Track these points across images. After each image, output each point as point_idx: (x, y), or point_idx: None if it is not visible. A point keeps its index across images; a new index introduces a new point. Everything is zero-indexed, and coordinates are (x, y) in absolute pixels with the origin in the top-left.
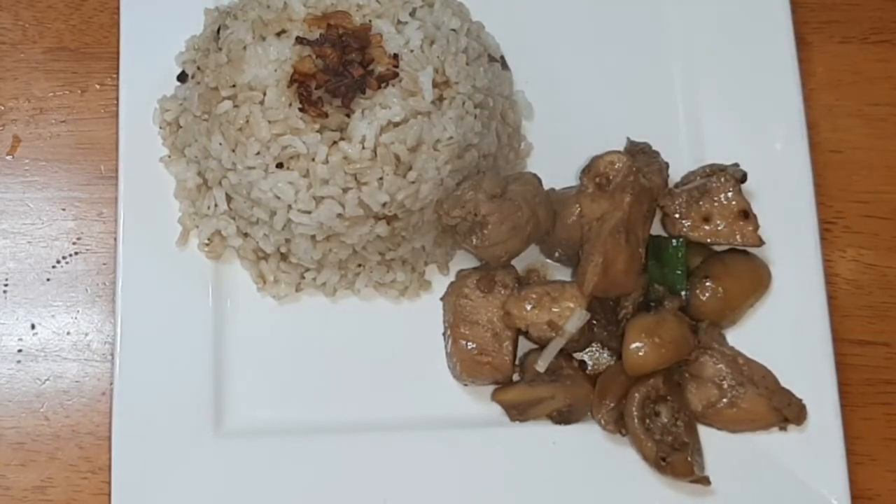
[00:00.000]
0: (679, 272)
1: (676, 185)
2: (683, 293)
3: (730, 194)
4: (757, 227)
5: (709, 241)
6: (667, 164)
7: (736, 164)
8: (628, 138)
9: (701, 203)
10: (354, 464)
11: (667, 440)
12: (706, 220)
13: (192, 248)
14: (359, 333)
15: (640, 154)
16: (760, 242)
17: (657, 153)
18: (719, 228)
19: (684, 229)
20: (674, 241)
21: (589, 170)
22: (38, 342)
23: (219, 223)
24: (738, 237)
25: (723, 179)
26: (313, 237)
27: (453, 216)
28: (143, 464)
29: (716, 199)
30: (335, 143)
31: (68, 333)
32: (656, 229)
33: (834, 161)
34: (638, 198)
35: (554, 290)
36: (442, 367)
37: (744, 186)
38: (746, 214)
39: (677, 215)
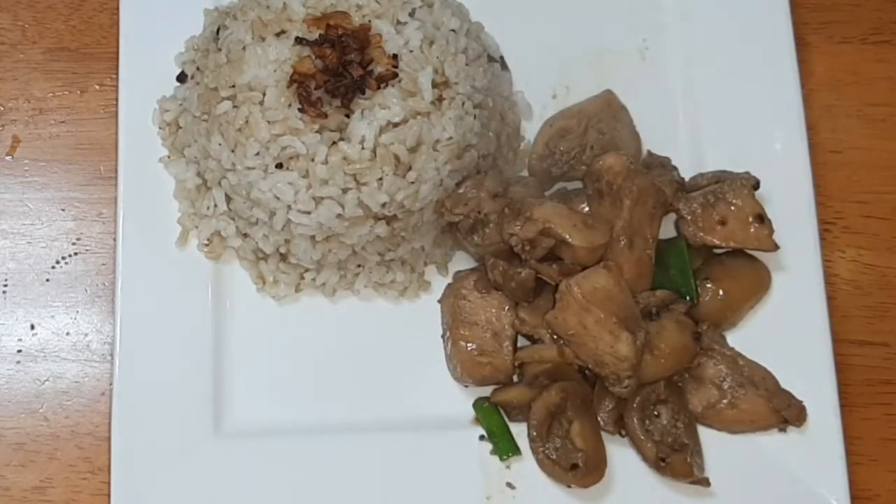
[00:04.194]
0: (685, 275)
1: (686, 189)
2: (689, 297)
3: (744, 199)
4: (772, 231)
5: (723, 243)
6: (683, 180)
7: (747, 172)
8: (648, 150)
9: (716, 206)
10: (354, 464)
11: (666, 441)
12: (722, 223)
13: (192, 248)
14: (358, 334)
15: (658, 167)
16: (775, 247)
17: (675, 168)
18: (735, 232)
19: (700, 232)
20: (675, 243)
21: (589, 174)
22: (37, 342)
23: (218, 223)
24: (753, 241)
25: (738, 184)
26: (313, 237)
27: (456, 213)
28: (143, 464)
29: (731, 203)
30: (335, 143)
31: (68, 334)
32: (670, 231)
33: (833, 161)
34: (639, 198)
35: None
36: (442, 367)
37: None
38: (762, 219)
39: (691, 217)
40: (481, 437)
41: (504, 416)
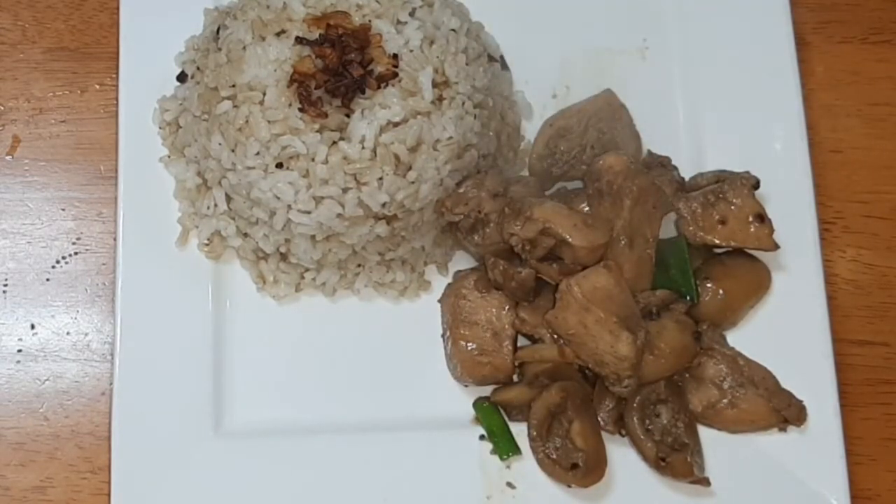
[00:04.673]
0: (686, 275)
1: (686, 189)
2: (689, 297)
3: (745, 198)
4: (772, 230)
5: (724, 243)
6: (683, 179)
7: (747, 172)
8: (648, 150)
9: (716, 206)
10: (354, 464)
11: (667, 441)
12: (722, 222)
13: (192, 248)
14: (358, 333)
15: (658, 167)
16: (775, 246)
17: (675, 167)
18: (735, 231)
19: (700, 231)
20: (675, 242)
21: (589, 174)
22: (37, 342)
23: (218, 223)
24: (753, 240)
25: (738, 184)
26: (313, 237)
27: (456, 213)
28: (143, 464)
29: (732, 202)
30: (335, 143)
31: (68, 333)
32: (671, 231)
33: (833, 161)
34: (639, 198)
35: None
36: (442, 367)
37: None
38: (762, 218)
39: (691, 217)
40: (481, 437)
41: (504, 415)
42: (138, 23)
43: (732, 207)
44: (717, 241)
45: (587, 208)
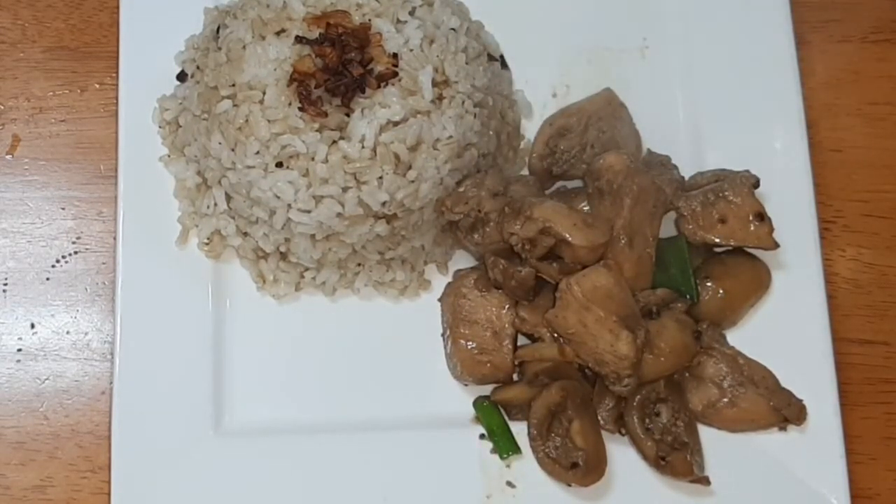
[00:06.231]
0: (686, 274)
1: (685, 188)
2: (689, 296)
3: (744, 197)
4: (772, 229)
5: (724, 242)
6: (683, 178)
7: (747, 171)
8: (648, 149)
9: (716, 205)
10: (354, 463)
11: (667, 440)
12: (722, 221)
13: (192, 247)
14: (358, 333)
15: (658, 166)
16: (775, 245)
17: (675, 166)
18: (735, 230)
19: (700, 230)
20: (675, 241)
21: (589, 173)
22: (37, 341)
23: (218, 222)
24: (753, 239)
25: (738, 183)
26: (313, 236)
27: (456, 212)
28: (143, 463)
29: (731, 201)
30: (335, 142)
31: (68, 333)
32: (671, 230)
33: (833, 160)
34: (640, 197)
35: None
36: (442, 366)
37: None
38: (762, 217)
39: (691, 216)
40: (481, 436)
41: (504, 414)
42: (138, 22)
43: (732, 206)
44: (717, 240)
45: (587, 207)
